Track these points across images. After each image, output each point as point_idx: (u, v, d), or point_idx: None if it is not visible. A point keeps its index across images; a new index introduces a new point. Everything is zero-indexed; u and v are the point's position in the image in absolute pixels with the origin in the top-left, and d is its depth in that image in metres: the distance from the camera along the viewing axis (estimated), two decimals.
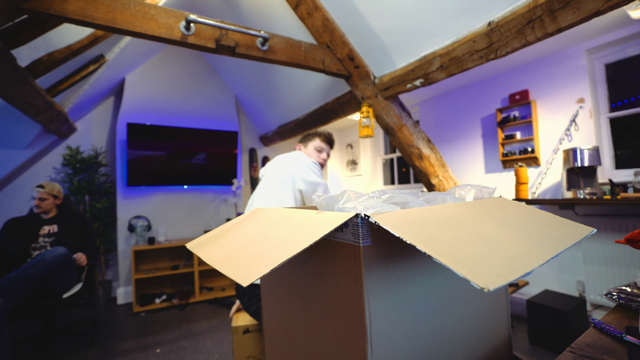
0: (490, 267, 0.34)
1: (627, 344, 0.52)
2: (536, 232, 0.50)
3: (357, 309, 0.43)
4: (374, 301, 0.43)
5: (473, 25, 1.73)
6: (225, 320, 2.86)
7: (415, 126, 2.51)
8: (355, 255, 0.43)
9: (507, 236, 0.45)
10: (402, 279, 0.47)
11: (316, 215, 0.49)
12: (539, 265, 0.37)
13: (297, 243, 0.41)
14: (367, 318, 0.42)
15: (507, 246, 0.41)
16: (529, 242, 0.45)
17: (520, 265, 0.35)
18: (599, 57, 2.30)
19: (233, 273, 0.41)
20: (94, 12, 1.53)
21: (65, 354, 2.29)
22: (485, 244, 0.40)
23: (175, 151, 3.70)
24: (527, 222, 0.54)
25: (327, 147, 1.65)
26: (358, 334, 0.43)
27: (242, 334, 1.61)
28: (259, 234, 0.53)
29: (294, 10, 2.36)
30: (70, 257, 2.13)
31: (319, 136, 1.63)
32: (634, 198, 1.87)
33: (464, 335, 0.54)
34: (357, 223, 0.43)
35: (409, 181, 3.90)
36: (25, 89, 1.99)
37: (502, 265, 0.35)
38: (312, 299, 0.53)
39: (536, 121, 2.55)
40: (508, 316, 0.64)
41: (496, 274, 0.32)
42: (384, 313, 0.44)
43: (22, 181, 3.26)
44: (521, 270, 0.34)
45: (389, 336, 0.44)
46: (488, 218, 0.51)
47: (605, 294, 0.71)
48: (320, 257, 0.51)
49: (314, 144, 1.63)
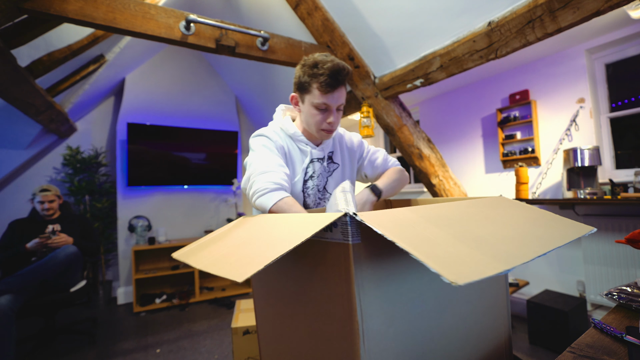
0: (467, 264, 0.34)
1: (627, 344, 0.52)
2: (528, 230, 0.50)
3: (348, 306, 0.43)
4: (365, 298, 0.43)
5: (473, 25, 1.73)
6: (225, 320, 2.86)
7: (415, 126, 2.51)
8: (344, 253, 0.43)
9: (496, 235, 0.45)
10: (394, 276, 0.47)
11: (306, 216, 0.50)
12: (522, 263, 0.37)
13: (289, 242, 0.41)
14: (359, 314, 0.42)
15: (493, 244, 0.41)
16: (517, 240, 0.45)
17: (500, 263, 0.36)
18: (599, 57, 2.30)
19: (227, 272, 0.42)
20: (94, 12, 1.53)
21: (66, 353, 2.29)
22: (470, 243, 0.40)
23: (176, 151, 3.71)
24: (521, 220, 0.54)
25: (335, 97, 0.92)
26: (350, 331, 0.43)
27: (242, 335, 1.61)
28: (249, 237, 0.53)
29: (294, 10, 2.36)
30: (79, 255, 2.21)
31: (316, 78, 0.89)
32: (635, 198, 1.86)
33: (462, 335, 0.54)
34: (346, 222, 0.43)
35: (409, 181, 3.90)
36: (26, 89, 1.99)
37: (480, 262, 0.35)
38: (303, 298, 0.53)
39: (536, 121, 2.55)
40: (508, 316, 0.64)
41: (471, 270, 0.33)
42: (376, 310, 0.44)
43: (22, 181, 3.26)
44: (499, 268, 0.34)
45: (381, 333, 0.44)
46: (481, 217, 0.52)
47: (606, 294, 0.71)
48: (310, 257, 0.51)
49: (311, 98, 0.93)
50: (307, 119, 0.97)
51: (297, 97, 0.98)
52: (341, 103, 0.95)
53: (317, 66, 0.90)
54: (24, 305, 1.97)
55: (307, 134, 1.02)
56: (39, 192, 2.32)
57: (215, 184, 3.97)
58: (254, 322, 1.66)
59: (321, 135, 0.98)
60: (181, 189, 3.86)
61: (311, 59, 0.92)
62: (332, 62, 0.89)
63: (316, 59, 0.91)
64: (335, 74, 0.88)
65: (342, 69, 0.90)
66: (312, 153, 1.01)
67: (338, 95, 0.92)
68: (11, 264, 2.13)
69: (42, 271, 1.99)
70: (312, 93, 0.92)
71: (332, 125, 0.95)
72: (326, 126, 0.95)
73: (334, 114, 0.94)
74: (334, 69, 0.88)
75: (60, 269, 2.07)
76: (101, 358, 2.22)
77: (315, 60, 0.91)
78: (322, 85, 0.89)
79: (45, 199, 2.31)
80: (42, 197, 2.31)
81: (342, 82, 0.92)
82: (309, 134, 1.02)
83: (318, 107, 0.93)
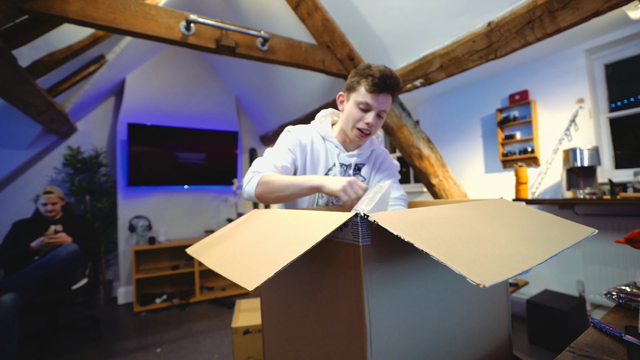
0: (488, 265, 0.34)
1: (626, 343, 0.52)
2: (535, 232, 0.50)
3: (357, 307, 0.43)
4: (373, 300, 0.43)
5: (473, 26, 1.73)
6: (225, 320, 2.86)
7: (415, 126, 2.51)
8: (354, 254, 0.43)
9: (506, 236, 0.45)
10: (401, 278, 0.47)
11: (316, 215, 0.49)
12: (537, 264, 0.37)
13: (300, 245, 0.41)
14: (367, 317, 0.42)
15: (506, 246, 0.41)
16: (527, 242, 0.45)
17: (517, 263, 0.36)
18: (599, 57, 2.30)
19: (237, 277, 0.41)
20: (95, 13, 1.53)
21: (66, 353, 2.29)
22: (484, 244, 0.40)
23: (176, 151, 3.71)
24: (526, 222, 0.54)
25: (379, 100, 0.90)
26: (358, 332, 0.43)
27: (242, 335, 1.61)
28: (260, 236, 0.53)
29: (294, 11, 2.37)
30: (80, 253, 2.24)
31: (365, 78, 0.90)
32: (634, 198, 1.87)
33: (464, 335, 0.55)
34: (356, 222, 0.43)
35: (409, 181, 3.90)
36: (26, 89, 1.99)
37: (499, 263, 0.35)
38: (311, 298, 0.53)
39: (536, 121, 2.56)
40: (508, 316, 0.64)
41: (493, 272, 0.33)
42: (383, 312, 0.44)
43: (23, 181, 3.26)
44: (518, 269, 0.34)
45: (388, 335, 0.44)
46: (487, 218, 0.52)
47: (605, 294, 0.71)
48: (319, 256, 0.51)
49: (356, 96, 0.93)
50: (347, 116, 0.96)
51: (344, 96, 0.99)
52: (384, 109, 0.93)
53: (370, 68, 0.91)
54: (27, 303, 1.99)
55: (342, 137, 1.01)
56: (43, 194, 2.36)
57: (215, 184, 3.97)
58: (254, 322, 1.66)
59: (355, 135, 0.96)
60: (181, 189, 3.86)
61: (365, 64, 0.94)
62: (385, 68, 0.90)
63: (370, 64, 0.93)
64: (384, 78, 0.88)
65: (393, 76, 0.90)
66: (339, 156, 1.00)
67: (383, 99, 0.91)
68: (14, 263, 2.15)
69: (44, 269, 2.01)
70: (359, 91, 0.92)
71: (369, 127, 0.93)
72: (362, 125, 0.93)
73: (373, 117, 0.92)
74: (385, 73, 0.89)
75: (62, 266, 2.10)
76: (101, 357, 2.22)
77: (369, 64, 0.93)
78: (369, 85, 0.89)
79: (48, 201, 2.36)
80: (46, 199, 2.35)
81: (390, 88, 0.90)
82: (344, 137, 1.01)
83: (360, 106, 0.92)
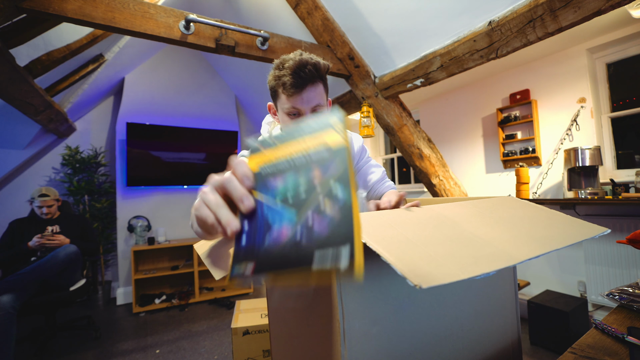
0: (444, 266, 0.33)
1: (628, 344, 0.52)
2: (527, 232, 0.49)
3: (329, 303, 0.43)
4: (347, 296, 0.42)
5: (473, 25, 1.72)
6: (225, 320, 2.85)
7: (415, 126, 2.50)
8: None
9: (488, 236, 0.44)
10: (380, 276, 0.46)
11: None
12: (505, 266, 0.36)
13: None
14: (340, 313, 0.42)
15: (489, 245, 0.40)
16: (521, 241, 0.44)
17: (481, 266, 0.35)
18: (600, 56, 2.29)
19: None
20: (93, 12, 1.52)
21: (65, 353, 2.28)
22: (454, 244, 0.39)
23: (175, 151, 3.70)
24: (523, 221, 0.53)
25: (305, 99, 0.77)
26: (332, 329, 0.43)
27: (241, 335, 1.60)
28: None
29: (293, 10, 2.36)
30: (79, 254, 2.23)
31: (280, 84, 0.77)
32: (636, 198, 1.86)
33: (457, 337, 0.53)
34: None
35: (410, 181, 3.89)
36: (24, 89, 1.98)
37: (457, 265, 0.34)
38: (297, 297, 0.54)
39: (537, 121, 2.55)
40: (517, 319, 0.62)
41: (444, 273, 0.32)
42: (359, 309, 0.43)
43: (21, 181, 3.26)
44: (476, 271, 0.33)
45: (365, 333, 0.44)
46: (479, 218, 0.51)
47: (607, 295, 0.71)
48: None
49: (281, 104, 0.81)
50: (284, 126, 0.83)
51: (273, 106, 0.85)
52: (316, 104, 0.77)
53: (281, 68, 0.76)
54: (25, 304, 1.98)
55: None
56: (38, 196, 2.32)
57: None
58: (254, 322, 1.65)
59: None
60: (181, 189, 3.85)
61: (280, 58, 0.78)
62: (295, 58, 0.74)
63: (283, 57, 0.77)
64: (298, 71, 0.73)
65: (306, 63, 0.74)
66: None
67: (308, 95, 0.76)
68: (11, 263, 2.14)
69: (43, 270, 2.01)
70: (281, 99, 0.78)
71: None
72: None
73: None
74: (295, 65, 0.73)
75: (61, 268, 2.09)
76: (101, 358, 2.21)
77: (282, 59, 0.77)
78: (287, 89, 0.75)
79: (44, 204, 2.33)
80: (41, 202, 2.32)
81: (310, 79, 0.75)
82: None
83: (289, 113, 0.78)
